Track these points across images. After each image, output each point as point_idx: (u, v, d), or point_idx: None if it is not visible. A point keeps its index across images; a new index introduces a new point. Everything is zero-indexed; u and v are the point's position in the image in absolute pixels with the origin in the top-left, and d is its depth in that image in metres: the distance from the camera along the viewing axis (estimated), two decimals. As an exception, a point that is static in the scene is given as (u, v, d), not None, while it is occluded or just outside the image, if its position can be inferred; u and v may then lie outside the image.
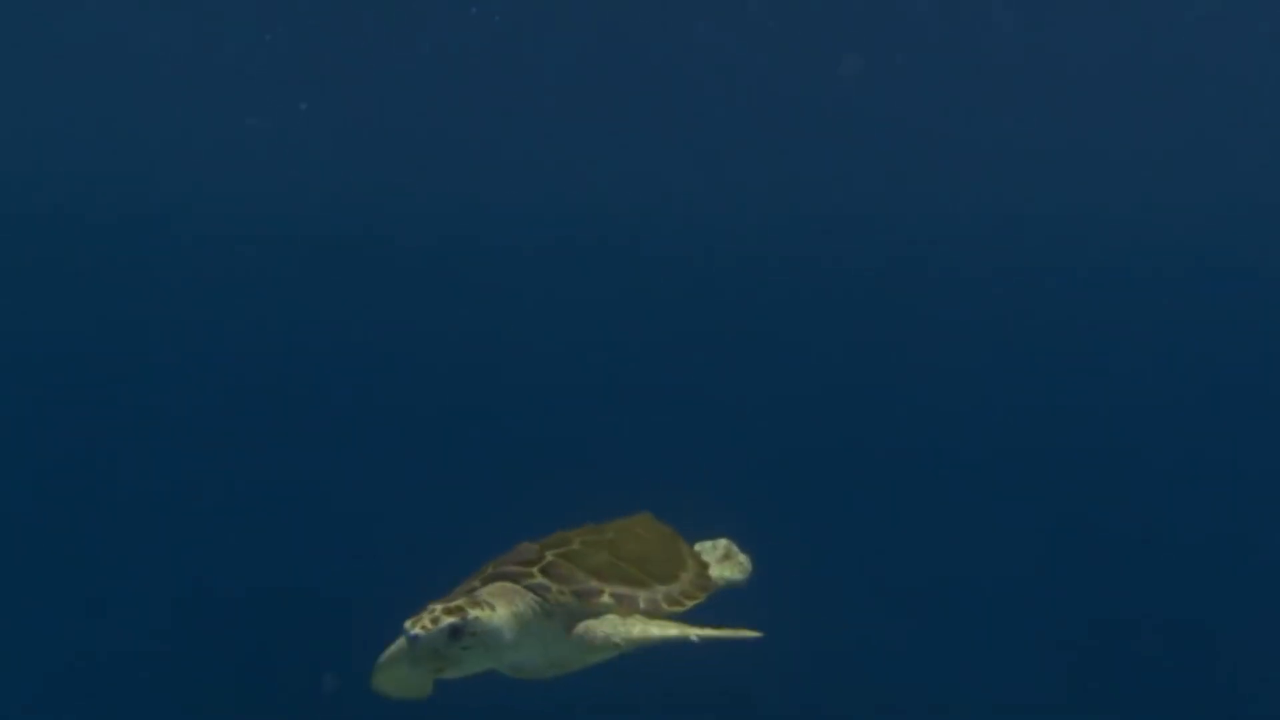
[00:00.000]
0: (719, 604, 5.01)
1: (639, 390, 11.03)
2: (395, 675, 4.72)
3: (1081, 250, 16.22)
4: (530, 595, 4.53)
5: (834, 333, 12.89)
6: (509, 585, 4.55)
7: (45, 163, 17.29)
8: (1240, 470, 10.00)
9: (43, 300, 12.33)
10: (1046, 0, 19.52)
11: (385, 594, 4.54)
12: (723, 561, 5.31)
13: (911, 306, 13.81)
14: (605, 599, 4.61)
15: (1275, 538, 8.99)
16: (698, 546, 5.35)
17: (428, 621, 4.27)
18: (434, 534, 7.89)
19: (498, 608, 4.41)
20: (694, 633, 4.50)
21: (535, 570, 4.61)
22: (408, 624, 4.29)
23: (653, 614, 4.66)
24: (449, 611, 4.31)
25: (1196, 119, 20.36)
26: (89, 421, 9.69)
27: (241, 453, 9.25)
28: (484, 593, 4.50)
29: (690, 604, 4.81)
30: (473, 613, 4.32)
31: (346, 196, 17.19)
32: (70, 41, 20.13)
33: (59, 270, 13.20)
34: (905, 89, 20.31)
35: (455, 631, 4.28)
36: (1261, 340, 12.78)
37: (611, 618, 4.55)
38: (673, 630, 4.52)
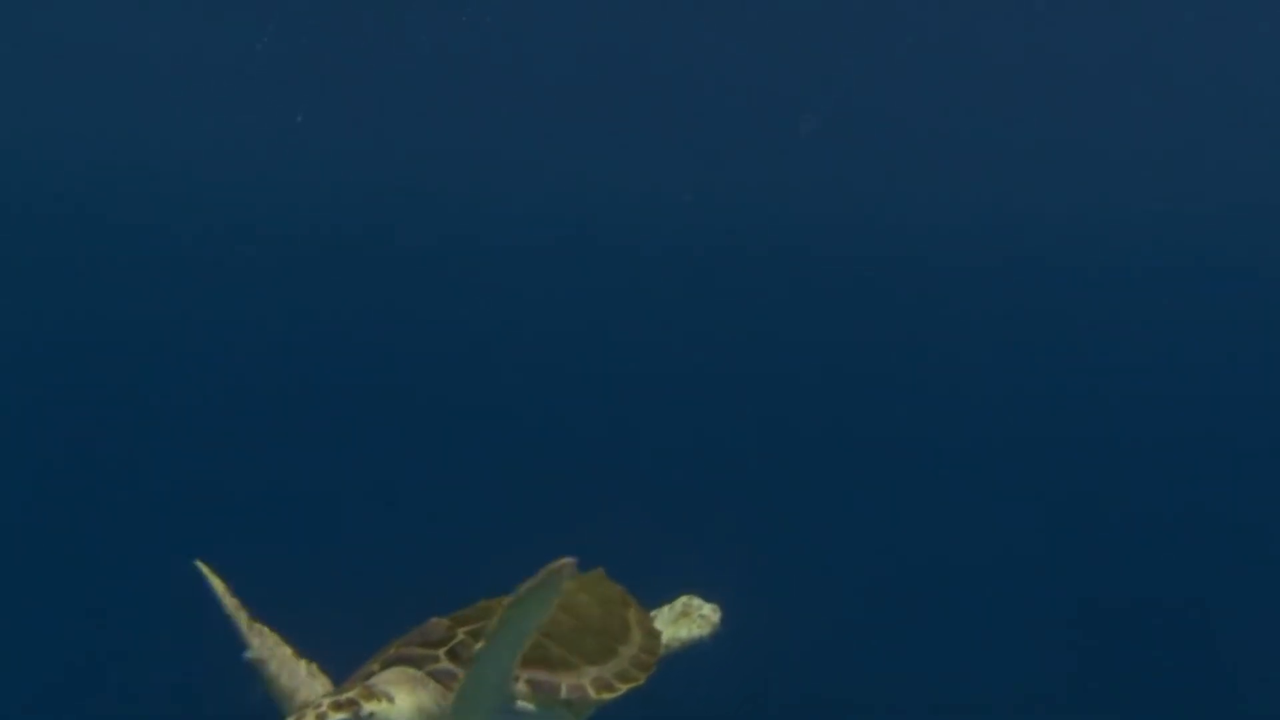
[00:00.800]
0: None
1: (640, 389, 11.03)
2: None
3: (1079, 249, 16.23)
4: (433, 683, 3.91)
5: (833, 331, 12.91)
6: (410, 671, 3.94)
7: (44, 163, 17.29)
8: (1241, 467, 10.01)
9: (43, 300, 12.32)
10: (1047, 0, 19.54)
11: (386, 596, 4.49)
12: (678, 620, 4.77)
13: (912, 305, 13.84)
14: (520, 686, 3.96)
15: (1277, 534, 9.01)
16: (654, 612, 4.78)
17: (312, 718, 3.70)
18: (436, 535, 7.91)
19: (396, 698, 3.83)
20: (492, 625, 3.79)
21: (441, 653, 3.97)
22: None
23: (579, 702, 4.07)
24: (338, 706, 3.72)
25: (1196, 119, 20.37)
26: (89, 421, 9.68)
27: (243, 452, 9.24)
28: (380, 680, 3.90)
29: (625, 687, 4.19)
30: (367, 706, 3.75)
31: (347, 195, 17.21)
32: (69, 42, 20.14)
33: (58, 270, 13.20)
34: (904, 87, 20.31)
35: None
36: (1261, 338, 12.80)
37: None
38: (480, 650, 3.81)
